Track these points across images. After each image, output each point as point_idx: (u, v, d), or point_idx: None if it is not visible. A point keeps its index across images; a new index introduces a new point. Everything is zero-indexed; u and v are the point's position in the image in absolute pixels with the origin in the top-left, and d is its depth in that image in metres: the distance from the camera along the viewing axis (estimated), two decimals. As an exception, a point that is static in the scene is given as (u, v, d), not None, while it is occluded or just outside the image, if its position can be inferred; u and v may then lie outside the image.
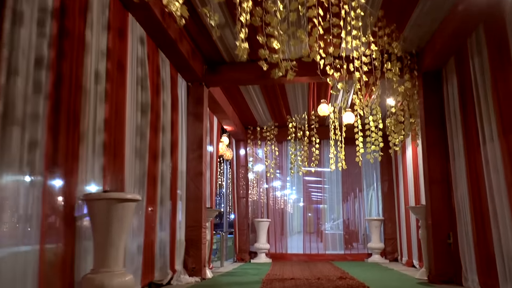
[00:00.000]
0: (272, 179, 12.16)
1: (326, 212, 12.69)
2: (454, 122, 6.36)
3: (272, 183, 12.23)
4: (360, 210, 12.12)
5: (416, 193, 8.61)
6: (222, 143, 9.92)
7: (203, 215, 7.05)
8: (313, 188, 14.64)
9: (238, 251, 11.27)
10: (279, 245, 11.69)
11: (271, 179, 12.14)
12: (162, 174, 5.91)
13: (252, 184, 12.06)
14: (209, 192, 8.41)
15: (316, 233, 14.00)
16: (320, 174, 12.32)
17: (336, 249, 11.87)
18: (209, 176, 8.52)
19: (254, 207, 12.01)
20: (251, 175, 11.85)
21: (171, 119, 6.35)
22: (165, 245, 6.00)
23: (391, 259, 10.66)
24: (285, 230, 11.90)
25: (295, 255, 11.44)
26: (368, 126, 7.89)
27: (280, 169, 12.32)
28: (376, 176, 11.75)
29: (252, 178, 11.83)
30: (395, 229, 10.86)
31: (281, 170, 12.35)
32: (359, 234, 12.17)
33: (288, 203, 12.93)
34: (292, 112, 9.97)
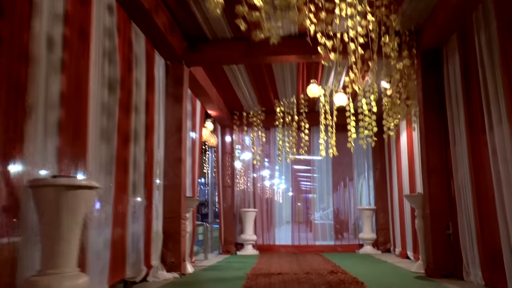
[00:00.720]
0: (259, 168, 11.60)
1: (316, 202, 12.19)
2: (455, 105, 5.84)
3: (259, 172, 11.67)
4: (351, 199, 11.64)
5: (411, 181, 8.13)
6: (206, 128, 9.33)
7: (183, 205, 6.48)
8: (302, 178, 14.14)
9: (224, 243, 10.74)
10: (267, 236, 11.18)
11: (258, 167, 11.58)
12: (134, 159, 5.32)
13: (239, 173, 11.50)
14: (190, 180, 7.84)
15: (305, 223, 13.53)
16: (309, 162, 11.80)
17: (326, 240, 11.40)
18: (191, 163, 7.96)
19: (241, 196, 11.46)
20: (238, 163, 11.29)
21: (146, 99, 5.75)
22: (138, 238, 5.43)
23: (384, 250, 10.20)
24: (273, 221, 11.38)
25: (283, 247, 10.94)
26: (361, 109, 7.38)
27: (268, 157, 11.78)
28: (368, 165, 11.25)
29: (238, 167, 11.27)
30: (388, 219, 10.40)
31: (268, 158, 11.80)
32: (350, 224, 11.70)
33: (276, 192, 12.39)
34: (280, 96, 9.39)
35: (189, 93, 8.11)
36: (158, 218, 6.23)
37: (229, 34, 6.77)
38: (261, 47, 6.84)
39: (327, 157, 11.57)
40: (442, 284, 5.41)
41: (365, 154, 11.23)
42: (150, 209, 5.88)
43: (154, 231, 5.99)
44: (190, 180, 7.86)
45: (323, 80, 8.34)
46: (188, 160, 7.75)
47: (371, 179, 11.08)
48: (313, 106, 10.22)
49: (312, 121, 9.01)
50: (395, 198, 9.65)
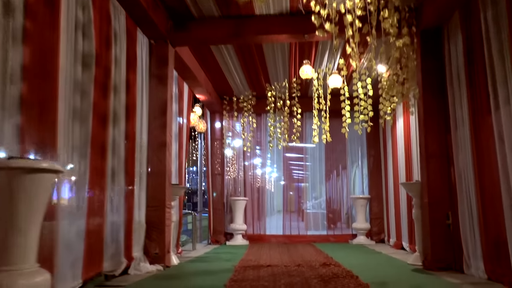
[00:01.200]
0: (250, 155, 11.23)
1: (308, 190, 11.83)
2: (457, 86, 5.49)
3: (250, 159, 11.29)
4: (344, 188, 11.31)
5: (408, 168, 7.80)
6: (194, 113, 8.93)
7: (167, 193, 6.10)
8: (294, 166, 13.79)
9: (213, 233, 10.39)
10: (257, 225, 10.84)
11: (249, 154, 11.20)
12: (113, 143, 4.93)
13: (229, 160, 11.13)
14: (176, 167, 7.47)
15: (297, 213, 13.23)
16: (302, 150, 11.44)
17: (319, 229, 11.08)
18: (177, 149, 7.57)
19: (231, 185, 11.11)
20: (229, 151, 10.91)
21: (126, 78, 5.33)
22: (118, 228, 5.05)
23: (377, 241, 9.92)
24: (264, 210, 11.05)
25: (274, 237, 10.61)
26: (356, 93, 7.02)
27: (259, 145, 11.41)
28: (362, 152, 10.92)
29: (228, 154, 10.89)
30: (382, 208, 10.10)
31: (260, 145, 11.43)
32: (342, 214, 11.38)
33: (267, 181, 12.03)
34: (272, 80, 9.00)
35: (176, 75, 7.71)
36: (141, 206, 5.85)
37: (216, 13, 6.35)
38: (250, 25, 6.47)
39: (320, 144, 11.31)
40: (441, 277, 5.09)
41: (359, 141, 10.91)
42: (131, 196, 5.50)
43: (136, 221, 5.61)
44: (176, 167, 7.48)
45: (316, 62, 7.95)
46: (174, 146, 7.37)
47: (365, 167, 10.77)
48: (305, 91, 9.84)
49: (305, 107, 8.65)
50: (390, 187, 9.33)
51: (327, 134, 7.61)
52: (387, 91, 6.45)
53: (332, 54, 7.54)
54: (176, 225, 7.33)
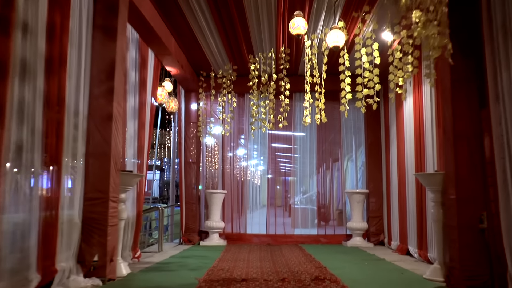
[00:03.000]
0: (229, 142, 9.75)
1: (296, 183, 10.36)
2: (502, 42, 4.04)
3: (230, 147, 9.81)
4: (337, 181, 9.90)
5: (419, 157, 6.39)
6: (163, 88, 7.42)
7: (113, 182, 4.62)
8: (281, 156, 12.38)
9: (185, 231, 8.92)
10: (237, 223, 9.39)
11: (229, 141, 9.73)
12: (21, 105, 3.42)
13: (207, 148, 9.67)
14: (135, 150, 5.99)
15: (283, 208, 11.82)
16: (290, 140, 10.01)
17: (307, 227, 9.65)
18: (137, 128, 6.10)
19: (208, 176, 9.65)
20: (207, 137, 9.44)
21: (47, 20, 3.81)
22: (26, 230, 3.54)
23: (376, 243, 8.53)
24: (245, 205, 9.59)
25: (256, 236, 9.17)
26: (360, 61, 5.61)
27: (241, 132, 9.93)
28: (359, 140, 9.52)
29: (207, 141, 9.42)
30: (382, 205, 8.71)
31: (242, 132, 9.95)
32: (332, 211, 9.96)
33: (250, 172, 10.55)
34: (256, 51, 7.53)
35: (137, 38, 6.23)
36: (74, 199, 4.36)
37: None
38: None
39: (311, 131, 9.92)
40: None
41: (356, 126, 9.51)
42: (57, 185, 4.01)
43: (64, 219, 4.12)
44: (134, 150, 6.00)
45: (310, 24, 6.47)
46: (132, 124, 5.91)
47: (362, 157, 9.38)
48: (295, 67, 8.40)
49: (294, 86, 7.19)
50: (393, 179, 7.93)
51: (322, 113, 6.16)
52: (396, 62, 5.08)
53: (330, 13, 6.09)
54: (133, 224, 5.87)
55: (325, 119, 6.18)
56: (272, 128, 7.15)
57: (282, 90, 6.86)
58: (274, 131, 9.26)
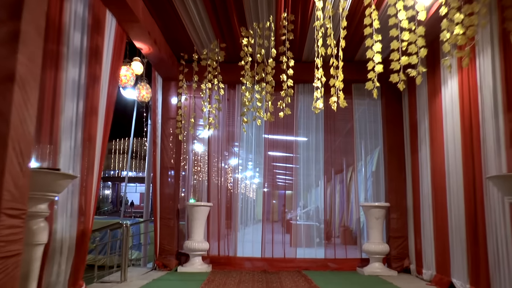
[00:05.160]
0: (217, 142, 8.01)
1: (298, 195, 8.53)
2: None
3: (217, 149, 8.04)
4: (350, 193, 8.16)
5: (469, 158, 4.67)
6: (128, 67, 5.70)
7: (11, 183, 2.83)
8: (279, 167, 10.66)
9: (160, 253, 7.12)
10: (225, 243, 7.59)
11: (216, 142, 7.99)
12: None
13: (192, 151, 7.94)
14: (78, 142, 4.24)
15: (281, 224, 10.03)
16: (291, 147, 8.29)
17: (313, 248, 7.81)
18: (82, 112, 4.34)
19: (190, 185, 7.90)
20: (190, 137, 7.70)
21: None
22: None
23: (399, 270, 6.75)
24: (235, 220, 7.79)
25: (249, 260, 7.35)
26: (395, 19, 3.96)
27: (230, 134, 8.17)
28: (374, 143, 7.82)
29: (187, 140, 7.67)
30: (405, 222, 6.96)
31: (230, 134, 8.18)
32: (341, 228, 8.21)
33: (241, 179, 8.76)
34: (249, 20, 5.84)
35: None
36: None
37: None
38: None
39: (317, 133, 8.20)
40: None
41: (371, 125, 7.80)
42: None
43: None
44: (77, 143, 4.24)
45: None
46: (74, 104, 4.15)
47: (379, 162, 7.65)
48: (299, 52, 6.72)
49: (298, 76, 5.46)
50: (424, 190, 6.19)
51: (340, 95, 4.42)
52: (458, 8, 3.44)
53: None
54: (70, 249, 4.08)
55: (344, 103, 4.43)
56: (270, 118, 5.39)
57: (284, 67, 5.15)
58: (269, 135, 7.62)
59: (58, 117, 3.81)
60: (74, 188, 4.17)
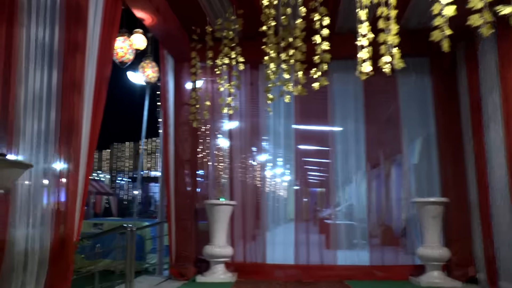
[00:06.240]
0: (239, 135, 6.96)
1: (334, 191, 7.29)
2: None
3: (240, 140, 6.97)
4: (398, 187, 6.96)
5: None
6: (125, 39, 4.70)
7: None
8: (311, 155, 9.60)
9: (176, 260, 6.14)
10: (252, 248, 6.53)
11: (239, 134, 6.95)
12: None
13: (211, 142, 6.93)
14: (51, 126, 3.25)
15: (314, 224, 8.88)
16: (323, 138, 7.18)
17: (354, 252, 6.60)
18: (56, 87, 3.35)
19: (209, 180, 6.89)
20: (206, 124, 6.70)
21: None
22: None
23: (464, 280, 5.54)
24: (263, 221, 6.71)
25: (280, 268, 6.24)
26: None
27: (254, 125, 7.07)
28: (424, 127, 6.62)
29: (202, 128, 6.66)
30: (469, 222, 5.73)
31: (254, 125, 7.09)
32: (389, 227, 7.02)
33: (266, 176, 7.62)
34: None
35: None
36: None
37: None
38: None
39: (355, 119, 7.03)
40: None
41: (419, 105, 6.60)
42: None
43: None
44: (48, 127, 3.25)
45: None
46: (39, 74, 3.16)
47: (431, 151, 6.44)
48: (332, 21, 5.53)
49: (330, 50, 4.26)
50: (496, 181, 4.95)
51: (395, 53, 3.27)
52: None
53: None
54: (42, 262, 3.09)
55: (400, 62, 3.29)
56: (302, 92, 4.25)
57: (317, 27, 4.03)
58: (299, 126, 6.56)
59: (13, 88, 2.82)
60: (46, 186, 3.17)
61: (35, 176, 3.06)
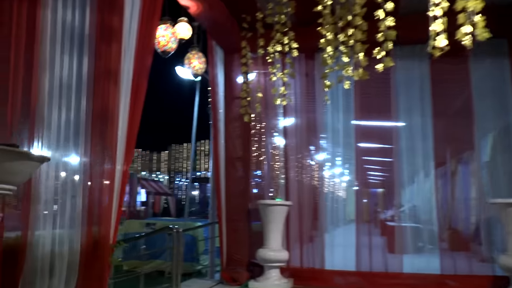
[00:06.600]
0: (295, 132, 6.50)
1: (396, 190, 6.64)
2: None
3: (295, 140, 6.51)
4: (470, 186, 6.25)
5: None
6: (167, 26, 4.37)
7: None
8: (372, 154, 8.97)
9: (227, 263, 5.79)
10: (309, 252, 6.06)
11: (294, 130, 6.50)
12: None
13: (265, 139, 6.53)
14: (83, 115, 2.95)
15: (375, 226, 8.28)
16: (386, 134, 6.60)
17: (421, 258, 5.98)
18: (87, 72, 3.05)
19: (264, 179, 6.49)
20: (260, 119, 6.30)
21: None
22: None
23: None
24: (321, 223, 6.21)
25: (340, 274, 5.73)
26: None
27: (310, 113, 6.61)
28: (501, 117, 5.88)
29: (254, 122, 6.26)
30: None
31: (311, 120, 6.61)
32: (462, 231, 6.30)
33: (324, 176, 7.12)
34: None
35: None
36: None
37: None
38: None
39: (422, 112, 6.37)
40: None
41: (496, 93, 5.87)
42: None
43: None
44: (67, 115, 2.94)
45: None
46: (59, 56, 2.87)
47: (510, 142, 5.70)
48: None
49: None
50: None
51: (478, 20, 2.71)
52: None
53: None
54: (60, 268, 2.79)
55: (484, 32, 2.71)
56: (364, 76, 3.73)
57: (380, 0, 3.50)
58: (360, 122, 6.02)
59: (35, 73, 2.53)
60: (75, 183, 2.87)
61: (61, 171, 2.77)
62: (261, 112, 5.65)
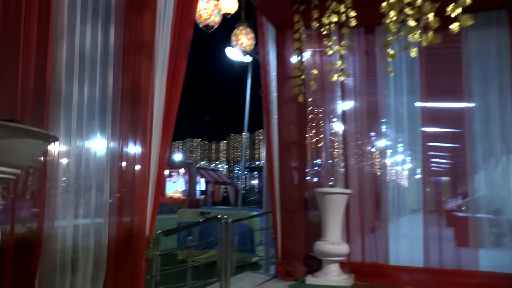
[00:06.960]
0: (355, 116, 5.97)
1: (464, 178, 5.93)
2: None
3: (355, 124, 5.99)
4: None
5: None
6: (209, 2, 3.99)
7: None
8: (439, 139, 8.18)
9: (282, 256, 5.40)
10: (371, 245, 5.54)
11: (354, 115, 5.97)
12: None
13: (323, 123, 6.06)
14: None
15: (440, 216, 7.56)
16: (455, 117, 5.93)
17: (498, 253, 5.30)
18: (113, 45, 2.73)
19: (321, 166, 6.03)
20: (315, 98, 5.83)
21: None
22: None
23: None
24: (384, 213, 5.67)
25: (407, 271, 5.19)
26: None
27: (370, 96, 6.04)
28: None
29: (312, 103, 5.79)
30: None
31: (372, 96, 6.05)
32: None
33: (387, 163, 6.53)
34: None
35: None
36: None
37: None
38: None
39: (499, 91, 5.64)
40: None
41: None
42: None
43: None
44: (92, 93, 2.63)
45: None
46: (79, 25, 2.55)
47: None
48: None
49: None
50: None
51: None
52: None
53: None
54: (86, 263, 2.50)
55: None
56: (434, 40, 3.17)
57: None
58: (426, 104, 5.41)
59: (50, 45, 2.21)
60: (101, 167, 2.56)
61: (85, 155, 2.48)
62: (317, 92, 5.17)
